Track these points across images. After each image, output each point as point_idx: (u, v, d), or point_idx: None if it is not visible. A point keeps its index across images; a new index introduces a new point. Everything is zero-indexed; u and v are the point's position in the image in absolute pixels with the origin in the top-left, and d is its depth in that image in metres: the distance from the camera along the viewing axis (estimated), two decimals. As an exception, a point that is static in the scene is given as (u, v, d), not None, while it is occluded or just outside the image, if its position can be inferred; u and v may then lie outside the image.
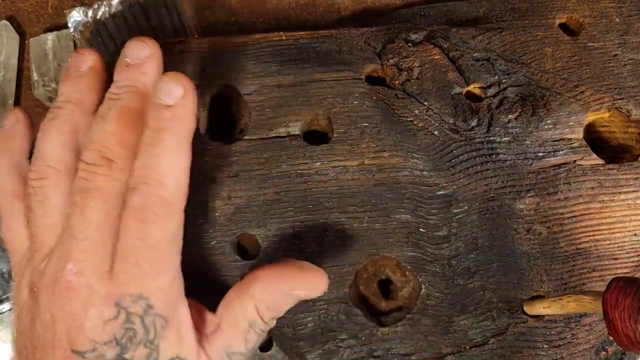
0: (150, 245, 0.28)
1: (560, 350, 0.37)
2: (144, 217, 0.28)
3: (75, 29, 0.46)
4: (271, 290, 0.32)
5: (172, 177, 0.29)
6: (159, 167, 0.29)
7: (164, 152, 0.29)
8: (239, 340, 0.32)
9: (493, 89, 0.40)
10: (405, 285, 0.38)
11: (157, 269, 0.29)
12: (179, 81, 0.30)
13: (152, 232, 0.28)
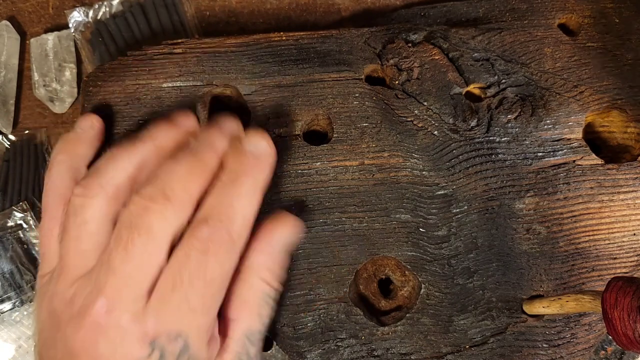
0: (206, 280, 0.28)
1: (560, 349, 0.37)
2: (208, 249, 0.28)
3: (76, 29, 0.46)
4: (266, 249, 0.32)
5: (242, 218, 0.30)
6: (232, 206, 0.29)
7: (240, 193, 0.30)
8: (255, 320, 0.31)
9: (493, 89, 0.40)
10: (405, 285, 0.38)
11: (204, 306, 0.28)
12: (265, 137, 0.32)
13: (211, 266, 0.28)
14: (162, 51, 0.39)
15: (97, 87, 0.38)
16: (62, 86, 0.46)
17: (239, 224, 0.29)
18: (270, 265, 0.32)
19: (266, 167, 0.32)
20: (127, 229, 0.28)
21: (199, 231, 0.28)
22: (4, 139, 0.48)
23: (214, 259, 0.28)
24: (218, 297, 0.29)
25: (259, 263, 0.31)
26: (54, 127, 0.48)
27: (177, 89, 0.38)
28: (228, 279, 0.30)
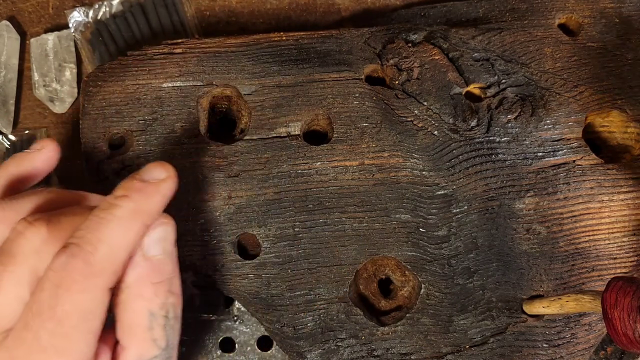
0: (57, 316, 0.25)
1: (560, 349, 0.37)
2: (60, 281, 0.25)
3: (76, 29, 0.46)
4: (136, 261, 0.28)
5: (108, 246, 0.26)
6: (98, 231, 0.26)
7: (113, 217, 0.27)
8: (147, 346, 0.28)
9: (493, 89, 0.40)
10: (405, 285, 0.38)
11: (58, 346, 0.25)
12: (164, 167, 0.29)
13: (63, 300, 0.25)
14: (162, 51, 0.39)
15: (97, 87, 0.38)
16: (62, 86, 0.46)
17: (103, 253, 0.26)
18: (148, 278, 0.28)
19: (155, 193, 0.28)
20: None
21: (54, 261, 0.25)
22: (4, 139, 0.48)
23: (67, 294, 0.25)
24: (77, 337, 0.26)
25: (132, 280, 0.28)
26: (54, 127, 0.48)
27: (177, 89, 0.38)
28: (91, 317, 0.26)
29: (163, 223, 0.29)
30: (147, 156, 0.37)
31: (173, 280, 0.29)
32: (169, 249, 0.29)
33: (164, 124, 0.38)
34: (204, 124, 0.39)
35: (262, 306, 0.36)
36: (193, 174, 0.37)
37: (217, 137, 0.39)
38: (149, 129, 0.37)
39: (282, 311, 0.36)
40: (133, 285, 0.28)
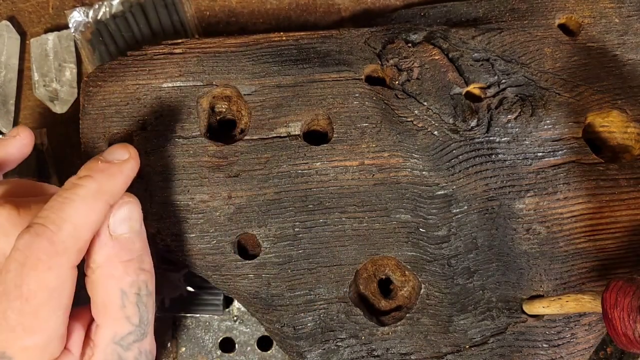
0: (23, 295, 0.25)
1: (560, 349, 0.37)
2: (25, 260, 0.25)
3: (76, 29, 0.46)
4: (103, 240, 0.28)
5: (72, 225, 0.26)
6: (62, 210, 0.26)
7: (76, 197, 0.27)
8: (120, 323, 0.29)
9: (492, 89, 0.40)
10: (405, 285, 0.38)
11: (26, 324, 0.25)
12: (127, 148, 0.30)
13: (28, 279, 0.25)
14: (162, 51, 0.39)
15: (97, 87, 0.38)
16: (62, 86, 0.46)
17: (66, 232, 0.26)
18: (117, 257, 0.28)
19: (117, 173, 0.29)
20: None
21: (19, 238, 0.26)
22: (4, 139, 0.48)
23: (31, 272, 0.25)
24: (45, 314, 0.26)
25: (101, 260, 0.28)
26: (54, 127, 0.48)
27: (177, 89, 0.38)
28: (58, 294, 0.26)
29: (128, 202, 0.30)
30: (147, 156, 0.37)
31: (143, 257, 0.30)
32: (135, 227, 0.30)
33: (164, 124, 0.38)
34: (203, 124, 0.39)
35: (262, 306, 0.36)
36: (193, 174, 0.37)
37: (217, 137, 0.39)
38: (149, 129, 0.38)
39: (282, 311, 0.36)
40: (103, 265, 0.28)
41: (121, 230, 0.29)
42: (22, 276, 0.25)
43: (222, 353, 0.43)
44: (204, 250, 0.36)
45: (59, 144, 0.48)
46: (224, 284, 0.37)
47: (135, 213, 0.30)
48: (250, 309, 0.37)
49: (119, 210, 0.29)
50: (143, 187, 0.36)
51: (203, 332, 0.43)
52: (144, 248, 0.30)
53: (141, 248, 0.30)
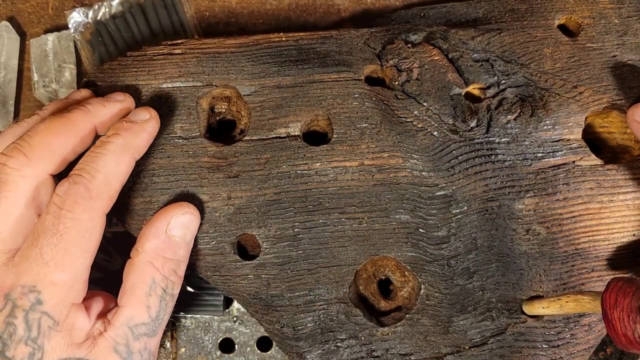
0: (59, 232, 0.29)
1: (560, 350, 0.37)
2: (64, 203, 0.29)
3: (76, 29, 0.46)
4: (157, 234, 0.32)
5: (103, 174, 0.31)
6: (94, 162, 0.31)
7: (106, 152, 0.31)
8: (140, 310, 0.31)
9: (492, 90, 0.40)
10: (405, 286, 0.38)
11: (58, 260, 0.29)
12: (148, 110, 0.35)
13: (65, 219, 0.29)
14: (162, 52, 0.39)
15: (96, 88, 0.38)
16: (61, 87, 0.46)
17: (99, 181, 0.30)
18: (162, 251, 0.32)
19: (140, 130, 0.33)
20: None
21: (59, 187, 0.30)
22: (4, 139, 0.47)
23: (69, 214, 0.29)
24: (75, 251, 0.29)
25: (149, 248, 0.32)
26: (53, 128, 0.48)
27: (176, 90, 0.38)
28: (88, 234, 0.30)
29: (191, 214, 0.34)
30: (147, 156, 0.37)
31: (181, 264, 0.33)
32: (188, 237, 0.34)
33: (164, 125, 0.38)
34: (203, 124, 0.39)
35: (262, 307, 0.36)
36: (192, 174, 0.37)
37: (216, 138, 0.39)
38: (148, 130, 0.37)
39: (282, 312, 0.36)
40: (148, 252, 0.32)
41: (175, 233, 0.33)
42: (59, 216, 0.29)
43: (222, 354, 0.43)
44: (203, 251, 0.36)
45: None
46: (223, 284, 0.37)
47: (193, 225, 0.34)
48: (249, 309, 0.37)
49: (182, 217, 0.34)
50: (142, 188, 0.36)
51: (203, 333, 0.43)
52: (185, 257, 0.34)
53: (183, 256, 0.34)
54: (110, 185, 0.31)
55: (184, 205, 0.34)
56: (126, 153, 0.32)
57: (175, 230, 0.33)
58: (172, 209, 0.34)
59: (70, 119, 0.32)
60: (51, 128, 0.31)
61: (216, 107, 0.40)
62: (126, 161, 0.32)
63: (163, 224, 0.33)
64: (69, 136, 0.32)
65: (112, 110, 0.34)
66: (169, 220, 0.33)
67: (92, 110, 0.33)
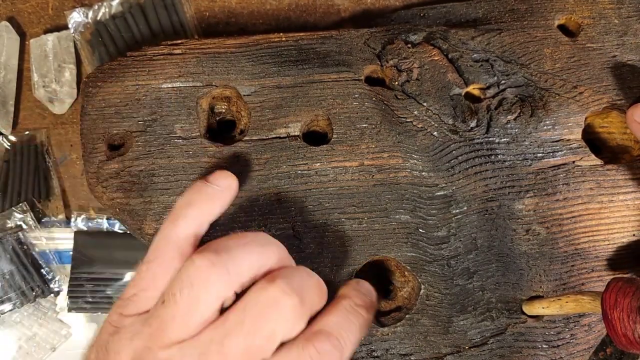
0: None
1: (559, 350, 0.37)
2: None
3: (76, 29, 0.46)
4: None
5: (352, 348, 0.29)
6: (350, 333, 0.29)
7: (357, 324, 0.30)
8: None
9: (492, 90, 0.40)
10: (405, 286, 0.38)
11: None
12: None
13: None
14: (162, 52, 0.39)
15: (96, 88, 0.38)
16: (61, 87, 0.46)
17: (348, 353, 0.29)
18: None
19: (368, 322, 0.31)
20: (252, 318, 0.28)
21: (320, 345, 0.28)
22: (4, 139, 0.48)
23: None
24: None
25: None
26: (53, 128, 0.48)
27: (176, 90, 0.38)
28: None
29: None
30: (147, 157, 0.37)
31: None
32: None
33: (164, 125, 0.38)
34: (203, 124, 0.39)
35: (262, 307, 0.36)
36: (192, 174, 0.37)
37: (216, 138, 0.39)
38: (148, 130, 0.38)
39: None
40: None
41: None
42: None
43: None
44: (203, 251, 0.36)
45: (59, 144, 0.48)
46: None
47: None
48: (249, 309, 0.37)
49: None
50: (142, 188, 0.36)
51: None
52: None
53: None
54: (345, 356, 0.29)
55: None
56: (364, 332, 0.31)
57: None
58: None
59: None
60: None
61: (216, 107, 0.40)
62: (360, 339, 0.31)
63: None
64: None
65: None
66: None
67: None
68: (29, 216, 0.47)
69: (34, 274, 0.47)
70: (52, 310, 0.48)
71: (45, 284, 0.47)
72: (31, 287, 0.47)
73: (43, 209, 0.48)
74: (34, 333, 0.48)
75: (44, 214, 0.48)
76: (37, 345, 0.47)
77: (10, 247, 0.46)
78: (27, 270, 0.47)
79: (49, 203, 0.48)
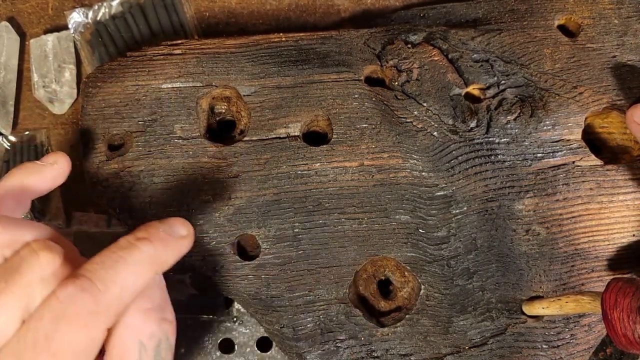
0: (51, 349, 0.23)
1: (559, 350, 0.37)
2: (64, 313, 0.23)
3: (76, 30, 0.46)
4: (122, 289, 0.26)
5: (119, 287, 0.25)
6: (113, 269, 0.25)
7: (130, 259, 0.26)
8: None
9: (492, 90, 0.40)
10: (405, 286, 0.38)
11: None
12: (186, 225, 0.29)
13: (60, 334, 0.23)
14: (162, 52, 0.39)
15: (96, 88, 0.38)
16: (61, 87, 0.46)
17: (113, 293, 0.24)
18: (136, 304, 0.26)
19: (174, 247, 0.28)
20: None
21: (61, 290, 0.24)
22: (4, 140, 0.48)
23: (67, 327, 0.23)
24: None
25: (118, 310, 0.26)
26: (53, 128, 0.48)
27: (176, 90, 0.38)
28: (86, 355, 0.24)
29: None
30: (147, 157, 0.37)
31: (164, 306, 0.28)
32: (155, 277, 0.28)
33: (164, 125, 0.38)
34: (203, 124, 0.39)
35: (262, 307, 0.36)
36: (193, 175, 0.37)
37: (216, 138, 0.39)
38: (148, 130, 0.37)
39: (282, 312, 0.36)
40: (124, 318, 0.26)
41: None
42: (55, 330, 0.23)
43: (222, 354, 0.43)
44: (203, 251, 0.36)
45: (58, 144, 0.48)
46: (223, 284, 0.37)
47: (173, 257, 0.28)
48: (249, 310, 0.37)
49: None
50: (142, 188, 0.36)
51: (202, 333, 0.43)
52: (163, 297, 0.28)
53: (161, 297, 0.28)
54: (121, 301, 0.25)
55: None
56: (151, 267, 0.26)
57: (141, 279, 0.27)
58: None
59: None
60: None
61: (216, 108, 0.40)
62: (148, 276, 0.26)
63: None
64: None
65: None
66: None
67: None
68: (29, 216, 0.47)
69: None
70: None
71: (45, 284, 0.47)
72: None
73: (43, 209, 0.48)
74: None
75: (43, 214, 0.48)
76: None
77: (10, 248, 0.46)
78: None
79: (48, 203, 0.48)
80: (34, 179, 0.32)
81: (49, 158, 0.33)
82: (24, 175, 0.32)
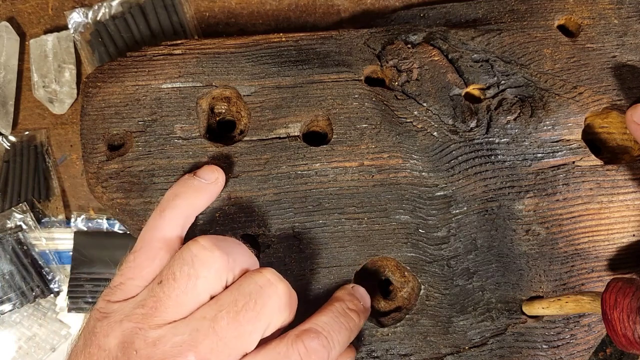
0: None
1: (559, 350, 0.37)
2: (303, 358, 0.29)
3: (75, 30, 0.46)
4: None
5: (339, 350, 0.31)
6: (339, 334, 0.31)
7: (348, 327, 0.32)
8: None
9: (492, 90, 0.40)
10: (405, 286, 0.38)
11: None
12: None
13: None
14: (162, 52, 0.39)
15: (96, 88, 0.38)
16: (61, 87, 0.46)
17: (337, 352, 0.31)
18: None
19: (357, 328, 0.34)
20: (245, 297, 0.29)
21: (308, 340, 0.29)
22: (4, 140, 0.48)
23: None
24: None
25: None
26: (53, 128, 0.48)
27: (176, 90, 0.38)
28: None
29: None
30: (147, 157, 0.37)
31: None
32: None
33: (163, 125, 0.38)
34: (203, 125, 0.39)
35: (262, 307, 0.36)
36: (192, 175, 0.37)
37: (216, 138, 0.39)
38: (148, 130, 0.38)
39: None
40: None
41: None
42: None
43: (222, 354, 0.43)
44: (203, 251, 0.36)
45: (58, 144, 0.48)
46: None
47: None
48: (249, 310, 0.37)
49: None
50: (142, 188, 0.36)
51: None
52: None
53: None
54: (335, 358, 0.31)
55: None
56: (353, 335, 0.33)
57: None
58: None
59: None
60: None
61: (216, 108, 0.40)
62: (347, 344, 0.32)
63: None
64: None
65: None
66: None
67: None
68: (29, 216, 0.47)
69: (33, 274, 0.47)
70: (52, 311, 0.48)
71: (45, 284, 0.47)
72: (31, 287, 0.47)
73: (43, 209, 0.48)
74: (33, 333, 0.48)
75: (43, 214, 0.48)
76: (37, 346, 0.47)
77: (10, 248, 0.46)
78: (27, 271, 0.47)
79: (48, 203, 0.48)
80: (202, 199, 0.35)
81: (208, 174, 0.35)
82: (193, 197, 0.34)
